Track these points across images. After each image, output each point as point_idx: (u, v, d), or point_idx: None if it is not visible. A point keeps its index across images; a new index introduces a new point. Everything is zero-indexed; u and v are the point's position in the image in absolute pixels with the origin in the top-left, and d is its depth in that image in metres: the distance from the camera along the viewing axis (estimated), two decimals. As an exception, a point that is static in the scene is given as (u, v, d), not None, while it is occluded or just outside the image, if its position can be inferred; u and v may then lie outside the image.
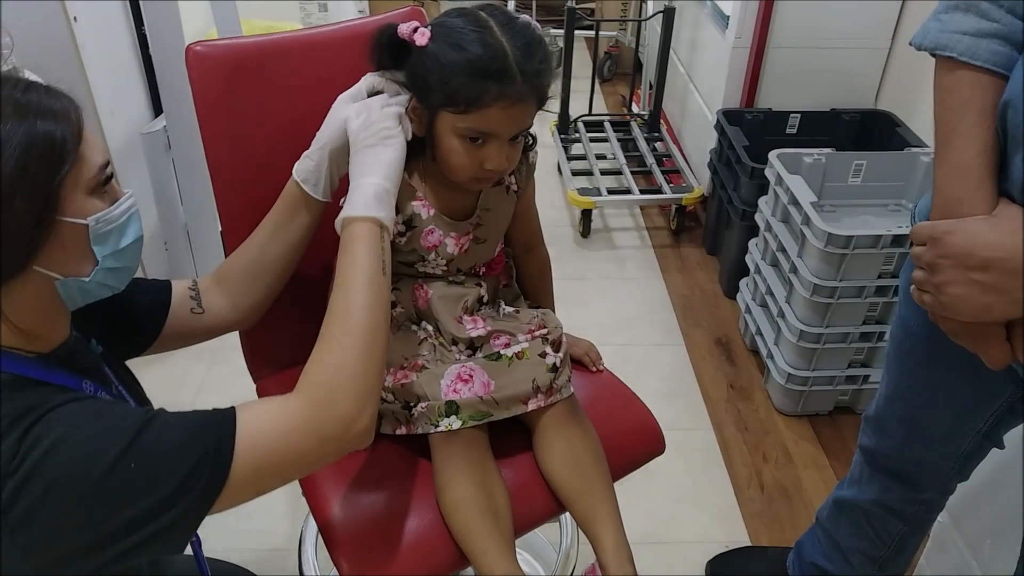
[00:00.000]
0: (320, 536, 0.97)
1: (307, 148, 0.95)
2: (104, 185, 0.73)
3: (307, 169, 0.93)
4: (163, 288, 0.96)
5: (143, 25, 1.95)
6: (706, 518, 1.64)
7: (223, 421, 0.71)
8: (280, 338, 1.14)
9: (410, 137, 0.90)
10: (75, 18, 1.70)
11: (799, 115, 2.29)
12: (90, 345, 0.84)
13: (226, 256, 1.02)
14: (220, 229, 2.10)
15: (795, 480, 1.74)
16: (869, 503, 1.18)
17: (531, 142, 1.00)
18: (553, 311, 1.13)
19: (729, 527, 1.62)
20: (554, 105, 2.78)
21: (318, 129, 0.94)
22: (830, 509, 1.28)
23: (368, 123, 0.88)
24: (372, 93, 0.93)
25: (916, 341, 0.96)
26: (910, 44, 0.80)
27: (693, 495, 1.69)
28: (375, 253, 0.82)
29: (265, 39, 1.04)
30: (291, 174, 0.95)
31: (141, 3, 1.91)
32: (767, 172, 1.92)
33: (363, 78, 0.94)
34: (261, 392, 1.17)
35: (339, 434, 0.73)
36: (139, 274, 0.85)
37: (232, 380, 1.97)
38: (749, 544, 1.58)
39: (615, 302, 2.29)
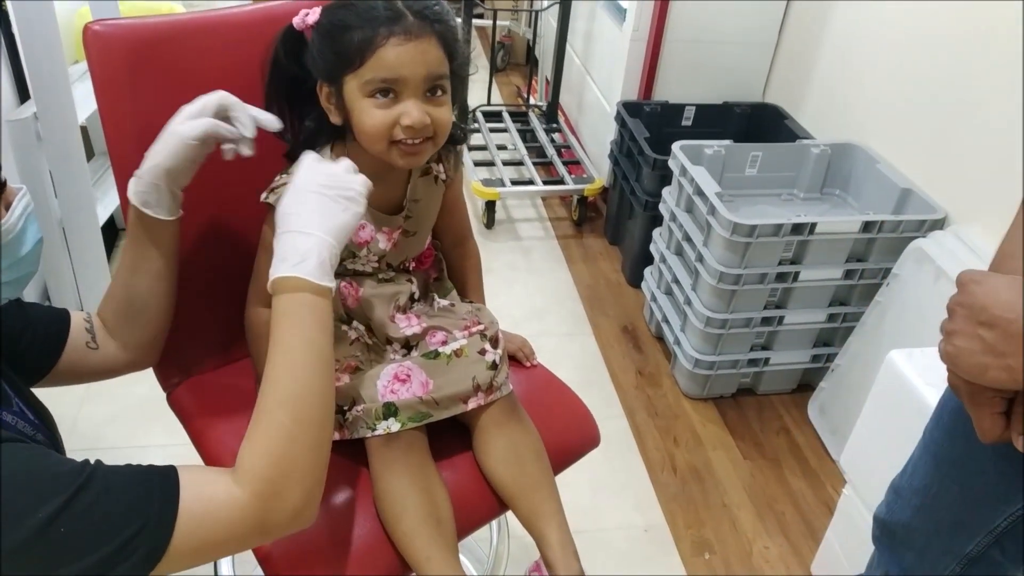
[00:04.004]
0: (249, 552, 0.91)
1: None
2: None
3: (142, 191, 0.85)
4: (62, 316, 0.89)
5: (3, 1, 1.76)
6: (625, 504, 1.67)
7: (165, 491, 0.66)
8: (188, 341, 1.06)
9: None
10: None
11: (694, 107, 2.37)
12: None
13: (109, 257, 0.94)
14: (101, 224, 1.97)
15: (705, 461, 1.80)
16: None
17: (462, 134, 0.97)
18: (484, 305, 1.11)
19: (647, 511, 1.66)
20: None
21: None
22: None
23: (332, 172, 0.82)
24: (220, 110, 0.85)
25: (952, 405, 0.87)
26: None
27: (611, 482, 1.72)
28: (327, 328, 0.78)
29: (175, 18, 0.95)
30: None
31: (1, -24, 1.73)
32: (670, 163, 1.96)
33: (212, 94, 0.86)
34: (174, 404, 1.08)
35: (284, 525, 0.72)
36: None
37: (117, 390, 1.80)
38: (666, 526, 1.62)
39: (523, 293, 2.29)
